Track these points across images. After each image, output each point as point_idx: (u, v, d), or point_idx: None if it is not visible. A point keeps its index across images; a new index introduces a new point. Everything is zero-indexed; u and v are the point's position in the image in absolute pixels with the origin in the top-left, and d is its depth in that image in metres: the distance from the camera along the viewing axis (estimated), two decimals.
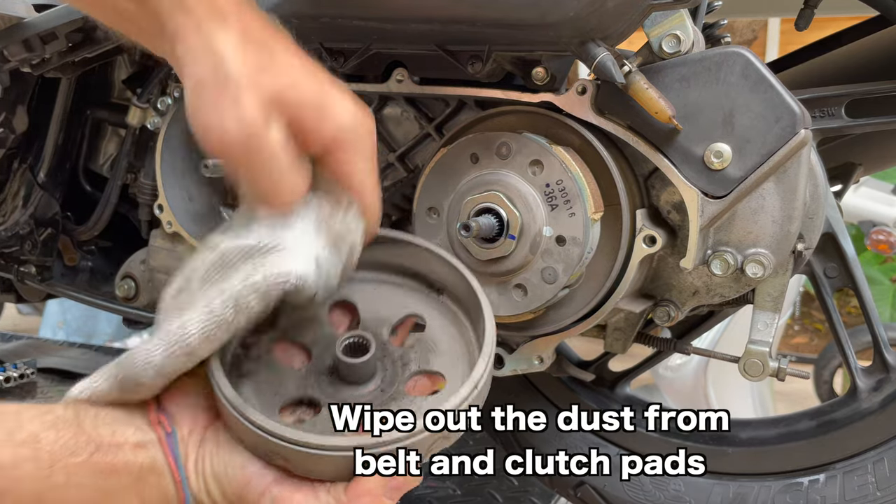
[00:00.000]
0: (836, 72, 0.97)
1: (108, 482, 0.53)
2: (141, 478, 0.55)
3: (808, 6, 0.92)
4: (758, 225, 0.71)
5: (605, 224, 0.73)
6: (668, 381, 2.50)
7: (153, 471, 0.56)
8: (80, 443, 0.53)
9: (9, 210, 1.15)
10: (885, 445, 0.84)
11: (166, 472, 0.56)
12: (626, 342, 0.84)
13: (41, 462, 0.51)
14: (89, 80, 1.14)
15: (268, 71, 0.54)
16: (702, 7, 0.79)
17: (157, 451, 0.56)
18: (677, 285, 0.78)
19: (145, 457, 0.55)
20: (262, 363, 0.64)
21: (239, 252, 0.57)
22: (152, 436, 0.57)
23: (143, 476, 0.55)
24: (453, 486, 1.41)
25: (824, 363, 3.16)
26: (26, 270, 1.18)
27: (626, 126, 0.70)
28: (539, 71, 0.73)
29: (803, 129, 0.67)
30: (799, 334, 4.92)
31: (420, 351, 0.66)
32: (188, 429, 0.58)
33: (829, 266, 0.89)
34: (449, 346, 0.67)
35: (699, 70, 0.68)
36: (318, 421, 0.61)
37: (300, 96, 0.56)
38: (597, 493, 0.95)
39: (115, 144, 1.17)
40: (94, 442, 0.54)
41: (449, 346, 0.67)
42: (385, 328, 0.67)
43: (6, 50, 0.90)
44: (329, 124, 0.57)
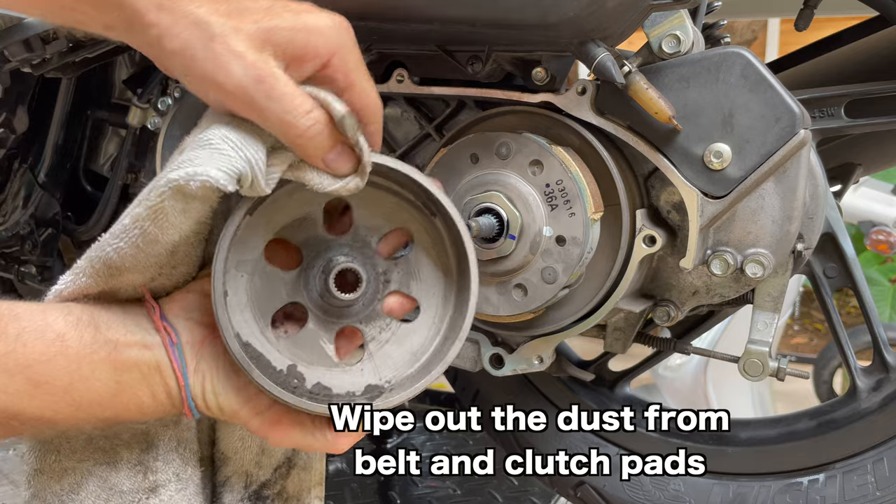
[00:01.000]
0: (836, 72, 0.97)
1: (123, 377, 0.60)
2: (148, 374, 0.61)
3: (808, 6, 0.92)
4: (757, 225, 0.71)
5: (605, 224, 0.73)
6: (668, 381, 2.50)
7: (158, 370, 0.62)
8: (98, 341, 0.59)
9: (9, 210, 1.15)
10: (885, 445, 0.84)
11: (170, 374, 0.62)
12: (625, 342, 0.84)
13: (69, 357, 0.58)
14: (89, 81, 1.14)
15: (246, 16, 0.57)
16: (702, 7, 0.79)
17: (162, 354, 0.62)
18: (677, 285, 0.79)
19: (151, 357, 0.61)
20: (257, 266, 0.66)
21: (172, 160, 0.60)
22: (157, 339, 0.62)
23: (150, 373, 0.61)
24: (453, 486, 1.41)
25: (824, 363, 3.16)
26: (27, 270, 1.18)
27: (625, 126, 0.70)
28: (539, 71, 0.73)
29: (803, 129, 0.67)
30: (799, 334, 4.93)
31: (402, 272, 0.68)
32: (185, 340, 0.63)
33: (828, 266, 0.89)
34: (429, 275, 0.68)
35: (699, 70, 0.68)
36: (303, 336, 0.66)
37: (284, 27, 0.58)
38: (597, 493, 0.95)
39: (116, 144, 1.18)
40: (111, 342, 0.60)
41: (429, 275, 0.68)
42: (375, 237, 0.68)
43: (6, 50, 0.90)
44: (319, 40, 0.59)
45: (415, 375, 0.66)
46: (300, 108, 0.58)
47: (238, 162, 0.57)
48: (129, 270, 0.61)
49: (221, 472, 0.75)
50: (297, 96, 0.58)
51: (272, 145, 0.60)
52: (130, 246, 0.60)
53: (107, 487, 0.68)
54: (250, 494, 0.75)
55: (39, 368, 0.56)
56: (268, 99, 0.57)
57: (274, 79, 0.57)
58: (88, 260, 0.62)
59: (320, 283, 0.66)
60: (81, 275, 0.62)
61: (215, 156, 0.57)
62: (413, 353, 0.68)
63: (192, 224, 0.61)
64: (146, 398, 0.62)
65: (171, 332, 0.62)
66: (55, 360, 0.57)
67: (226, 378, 0.63)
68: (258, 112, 0.58)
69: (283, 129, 0.58)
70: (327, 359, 0.66)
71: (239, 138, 0.58)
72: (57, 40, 0.91)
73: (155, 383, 0.62)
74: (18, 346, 0.56)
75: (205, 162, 0.56)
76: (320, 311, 0.66)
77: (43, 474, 0.67)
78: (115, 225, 0.60)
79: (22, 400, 0.56)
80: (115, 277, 0.62)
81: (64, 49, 0.92)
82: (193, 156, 0.57)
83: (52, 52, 0.92)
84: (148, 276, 0.63)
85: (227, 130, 0.58)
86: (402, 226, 0.68)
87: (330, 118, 0.59)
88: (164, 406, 0.63)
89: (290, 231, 0.66)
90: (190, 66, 0.57)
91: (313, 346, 0.66)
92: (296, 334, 0.66)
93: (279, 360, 0.65)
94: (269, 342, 0.65)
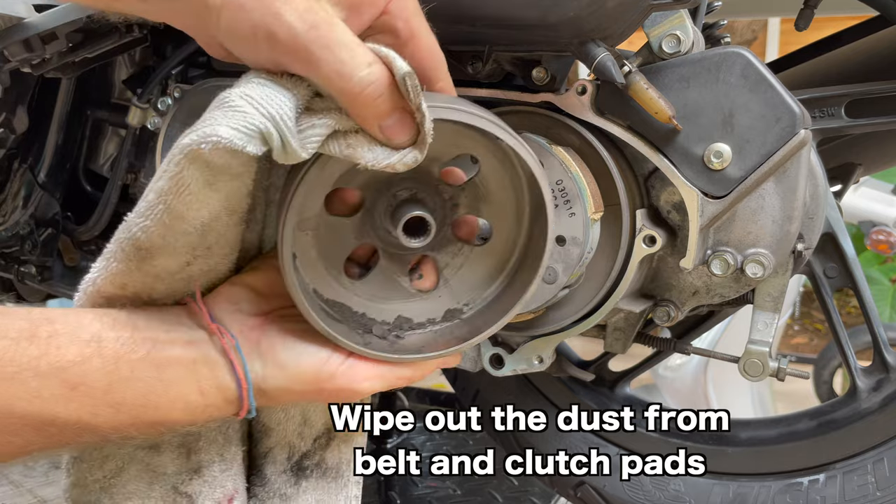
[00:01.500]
0: (836, 72, 0.97)
1: (166, 374, 0.57)
2: (195, 369, 0.58)
3: (808, 6, 0.92)
4: (758, 225, 0.71)
5: (605, 224, 0.73)
6: (668, 381, 2.50)
7: (206, 363, 0.59)
8: (137, 340, 0.56)
9: (9, 210, 1.15)
10: (885, 445, 0.84)
11: (220, 364, 0.59)
12: (625, 342, 0.84)
13: (106, 358, 0.55)
14: (89, 81, 1.14)
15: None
16: (702, 7, 0.79)
17: (209, 348, 0.59)
18: (677, 285, 0.78)
19: (196, 352, 0.58)
20: (320, 220, 0.63)
21: None
22: (202, 335, 0.59)
23: (196, 367, 0.58)
24: (453, 486, 1.41)
25: (824, 363, 3.16)
26: (26, 271, 1.18)
27: (625, 126, 0.70)
28: (539, 71, 0.73)
29: (803, 129, 0.67)
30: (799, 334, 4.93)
31: (470, 195, 0.65)
32: (237, 334, 0.61)
33: (828, 266, 0.89)
34: (499, 195, 0.65)
35: (699, 70, 0.68)
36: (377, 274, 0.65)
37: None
38: (597, 493, 0.95)
39: (116, 144, 1.17)
40: (150, 340, 0.57)
41: (499, 195, 0.65)
42: (436, 165, 0.63)
43: (6, 50, 0.90)
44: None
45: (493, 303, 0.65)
46: (359, 60, 0.52)
47: (255, 119, 0.51)
48: (160, 252, 0.58)
49: (262, 444, 0.73)
50: (357, 46, 0.52)
51: (307, 104, 0.54)
52: (157, 224, 0.55)
53: (149, 470, 0.66)
54: (292, 466, 0.73)
55: (75, 370, 0.53)
56: (324, 48, 0.51)
57: (330, 26, 0.51)
58: (117, 243, 0.58)
59: (387, 228, 0.63)
60: (112, 259, 0.58)
61: (229, 114, 0.51)
62: (489, 274, 0.66)
63: (221, 200, 0.57)
64: (193, 395, 0.58)
65: (223, 331, 0.60)
66: (91, 362, 0.54)
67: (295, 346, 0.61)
68: (313, 64, 0.52)
69: (338, 83, 0.52)
70: (404, 291, 0.66)
71: (261, 94, 0.52)
72: (57, 40, 0.91)
73: (203, 378, 0.58)
74: (52, 349, 0.53)
75: (217, 121, 0.51)
76: (390, 247, 0.64)
77: (83, 462, 0.65)
78: (139, 202, 0.56)
79: (58, 404, 0.53)
80: (147, 261, 0.58)
81: (64, 49, 0.92)
82: (209, 117, 0.52)
83: (52, 52, 0.91)
84: (181, 260, 0.60)
85: (250, 87, 0.53)
86: (465, 151, 0.63)
87: (392, 77, 0.53)
88: (215, 402, 0.59)
89: (346, 178, 0.62)
90: (237, 20, 0.52)
91: (388, 281, 0.65)
92: (369, 274, 0.65)
93: (358, 304, 0.64)
94: (345, 288, 0.64)
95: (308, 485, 0.73)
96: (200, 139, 0.50)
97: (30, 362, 0.52)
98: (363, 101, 0.53)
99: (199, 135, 0.50)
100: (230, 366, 0.59)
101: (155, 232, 0.56)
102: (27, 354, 0.52)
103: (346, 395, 0.62)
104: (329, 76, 0.52)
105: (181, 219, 0.55)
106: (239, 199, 0.59)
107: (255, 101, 0.51)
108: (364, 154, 0.54)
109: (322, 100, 0.55)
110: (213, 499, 0.68)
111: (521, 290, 0.62)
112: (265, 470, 0.73)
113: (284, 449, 0.73)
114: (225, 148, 0.50)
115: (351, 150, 0.54)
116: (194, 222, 0.57)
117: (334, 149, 0.54)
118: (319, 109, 0.54)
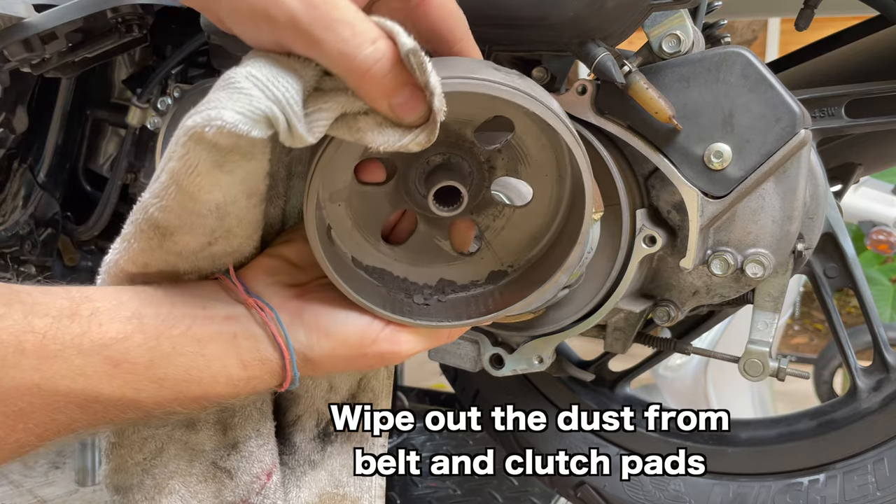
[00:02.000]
0: (836, 72, 0.97)
1: (208, 349, 0.56)
2: (236, 343, 0.57)
3: (808, 6, 0.92)
4: (758, 225, 0.71)
5: (605, 224, 0.73)
6: (668, 381, 2.50)
7: (247, 336, 0.58)
8: (176, 316, 0.56)
9: (9, 210, 1.15)
10: (885, 445, 0.84)
11: (261, 337, 0.58)
12: (626, 342, 0.84)
13: (147, 335, 0.54)
14: (89, 80, 1.14)
15: None
16: (702, 7, 0.79)
17: (249, 322, 0.58)
18: (677, 285, 0.78)
19: (237, 326, 0.58)
20: (352, 190, 0.62)
21: None
22: (240, 309, 0.59)
23: (237, 341, 0.58)
24: (453, 486, 1.41)
25: (824, 363, 3.16)
26: (26, 271, 1.18)
27: (626, 126, 0.70)
28: (539, 71, 0.73)
29: (803, 129, 0.67)
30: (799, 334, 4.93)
31: (507, 157, 0.63)
32: (277, 305, 0.60)
33: (829, 266, 0.89)
34: (538, 155, 0.62)
35: (699, 70, 0.68)
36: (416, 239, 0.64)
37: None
38: (597, 493, 0.95)
39: (115, 144, 1.17)
40: (189, 316, 0.56)
41: (538, 155, 0.62)
42: (469, 128, 0.61)
43: (6, 50, 0.90)
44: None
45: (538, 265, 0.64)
46: (362, 37, 0.49)
47: (261, 102, 0.49)
48: (180, 230, 0.57)
49: (291, 413, 0.73)
50: (359, 22, 0.50)
51: (316, 85, 0.52)
52: (172, 202, 0.54)
53: (188, 448, 0.66)
54: (319, 433, 0.73)
55: (117, 347, 0.53)
56: (324, 28, 0.49)
57: (329, 4, 0.49)
58: (133, 224, 0.57)
59: (422, 194, 0.62)
60: (133, 240, 0.57)
61: (234, 96, 0.49)
62: (532, 235, 0.65)
63: (236, 182, 0.55)
64: (236, 369, 0.57)
65: (262, 305, 0.59)
66: (133, 338, 0.53)
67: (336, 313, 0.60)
68: (315, 45, 0.50)
69: (343, 63, 0.50)
70: (445, 255, 0.65)
71: (267, 75, 0.50)
72: (56, 40, 0.91)
73: (244, 351, 0.58)
74: (94, 326, 0.52)
75: (222, 104, 0.49)
76: (428, 212, 0.62)
77: (122, 447, 0.65)
78: (152, 182, 0.55)
79: (101, 381, 0.52)
80: (168, 238, 0.57)
81: (63, 49, 0.92)
82: (213, 97, 0.50)
83: (52, 51, 0.91)
84: (203, 240, 0.59)
85: (255, 67, 0.50)
86: (498, 113, 0.60)
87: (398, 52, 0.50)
88: (258, 374, 0.59)
89: None
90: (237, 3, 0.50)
91: (429, 245, 0.65)
92: (409, 239, 0.64)
93: (399, 269, 0.64)
94: (385, 255, 0.64)
95: (333, 449, 0.74)
96: (205, 122, 0.49)
97: (73, 340, 0.51)
98: (370, 79, 0.50)
99: (204, 117, 0.49)
100: (271, 338, 0.58)
101: (171, 211, 0.55)
102: (70, 332, 0.51)
103: (390, 357, 0.62)
104: (333, 56, 0.50)
105: (194, 200, 0.54)
106: (256, 180, 0.58)
107: (262, 83, 0.49)
108: (374, 137, 0.52)
109: (332, 79, 0.53)
110: (251, 473, 0.68)
111: (563, 255, 0.60)
112: (294, 438, 0.73)
113: (313, 416, 0.73)
114: (231, 132, 0.48)
115: (360, 134, 0.52)
116: (208, 204, 0.55)
117: (343, 132, 0.53)
118: (329, 90, 0.53)
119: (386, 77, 0.50)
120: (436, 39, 0.59)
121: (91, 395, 0.53)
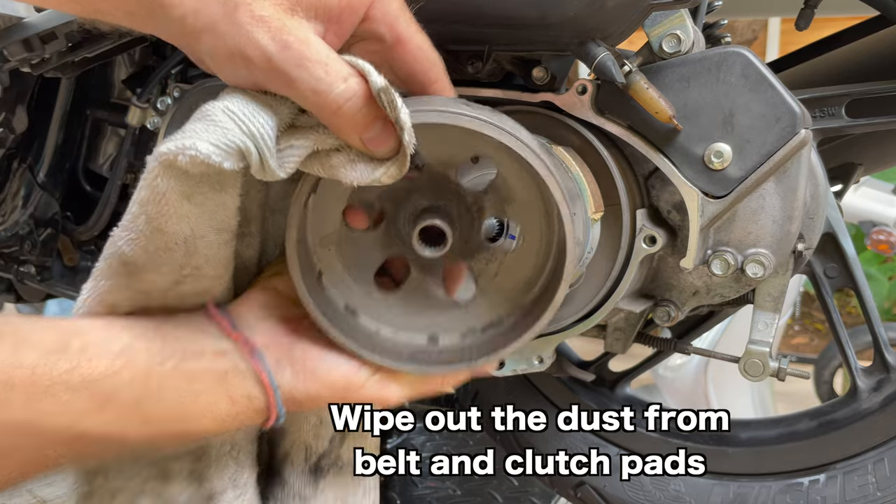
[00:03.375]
0: (836, 72, 0.97)
1: (196, 385, 0.56)
2: (225, 379, 0.57)
3: (808, 6, 0.92)
4: (758, 225, 0.71)
5: (605, 224, 0.73)
6: (668, 381, 2.50)
7: (236, 373, 0.58)
8: (166, 352, 0.56)
9: (8, 210, 1.15)
10: (886, 445, 0.84)
11: (249, 375, 0.58)
12: (626, 342, 0.84)
13: (137, 370, 0.54)
14: (89, 80, 1.14)
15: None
16: (702, 7, 0.79)
17: (237, 358, 0.58)
18: (677, 285, 0.78)
19: (226, 362, 0.58)
20: (341, 235, 0.62)
21: None
22: (230, 344, 0.59)
23: (226, 378, 0.58)
24: (453, 486, 1.41)
25: (824, 363, 3.16)
26: (26, 270, 1.18)
27: (626, 126, 0.70)
28: (539, 71, 0.73)
29: (803, 129, 0.67)
30: (799, 334, 4.93)
31: (494, 197, 0.62)
32: (268, 341, 0.60)
33: (829, 266, 0.89)
34: (523, 194, 0.62)
35: (699, 70, 0.68)
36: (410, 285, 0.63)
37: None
38: (597, 493, 0.95)
39: (115, 144, 1.17)
40: (179, 351, 0.56)
41: (523, 194, 0.62)
42: (451, 169, 0.61)
43: (6, 50, 0.90)
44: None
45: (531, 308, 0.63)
46: (335, 75, 0.51)
47: (235, 135, 0.50)
48: (146, 268, 0.57)
49: (280, 447, 0.73)
50: (332, 62, 0.51)
51: (291, 122, 0.54)
52: (139, 235, 0.55)
53: (162, 501, 0.65)
54: (310, 467, 0.73)
55: (105, 384, 0.52)
56: (297, 67, 0.51)
57: (303, 44, 0.51)
58: (104, 259, 0.57)
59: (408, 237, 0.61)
60: (101, 277, 0.58)
61: (210, 128, 0.51)
62: (526, 280, 0.64)
63: (205, 215, 0.56)
64: (223, 404, 0.57)
65: (247, 341, 0.59)
66: (121, 374, 0.53)
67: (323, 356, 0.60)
68: (289, 83, 0.51)
69: (316, 100, 0.52)
70: (439, 301, 0.64)
71: (243, 110, 0.51)
72: (56, 40, 0.91)
73: (233, 388, 0.58)
74: (83, 361, 0.52)
75: (197, 134, 0.50)
76: (421, 258, 0.62)
77: (93, 497, 0.64)
78: (124, 215, 0.56)
79: (88, 417, 0.52)
80: (135, 276, 0.57)
81: (63, 49, 0.92)
82: (189, 128, 0.51)
83: (52, 51, 0.91)
84: (169, 278, 0.59)
85: (232, 102, 0.52)
86: (476, 153, 0.61)
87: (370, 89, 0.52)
88: (244, 411, 0.59)
89: (361, 192, 0.61)
90: (215, 45, 0.52)
91: (422, 293, 0.64)
92: (402, 287, 0.64)
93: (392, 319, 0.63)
94: (378, 301, 0.63)
95: (326, 483, 0.73)
96: (178, 150, 0.49)
97: (61, 376, 0.51)
98: (342, 116, 0.52)
99: (178, 146, 0.49)
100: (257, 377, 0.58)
101: (138, 244, 0.55)
102: (58, 368, 0.51)
103: (377, 404, 0.62)
104: (306, 94, 0.52)
105: (161, 231, 0.54)
106: (226, 215, 0.58)
107: (238, 117, 0.51)
108: (347, 173, 0.54)
109: (306, 116, 0.54)
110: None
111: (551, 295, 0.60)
112: (283, 473, 0.73)
113: (301, 450, 0.73)
114: (203, 162, 0.49)
115: (333, 171, 0.54)
116: (176, 237, 0.55)
117: (315, 168, 0.54)
118: (304, 126, 0.54)
119: (358, 113, 0.52)
120: (412, 81, 0.60)
121: (78, 431, 0.52)
